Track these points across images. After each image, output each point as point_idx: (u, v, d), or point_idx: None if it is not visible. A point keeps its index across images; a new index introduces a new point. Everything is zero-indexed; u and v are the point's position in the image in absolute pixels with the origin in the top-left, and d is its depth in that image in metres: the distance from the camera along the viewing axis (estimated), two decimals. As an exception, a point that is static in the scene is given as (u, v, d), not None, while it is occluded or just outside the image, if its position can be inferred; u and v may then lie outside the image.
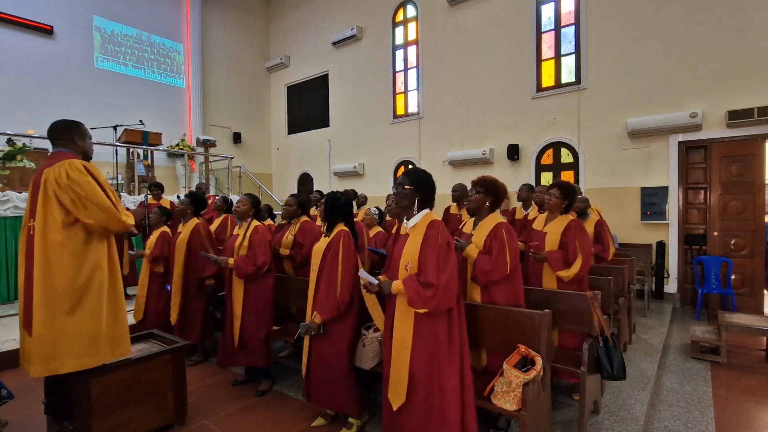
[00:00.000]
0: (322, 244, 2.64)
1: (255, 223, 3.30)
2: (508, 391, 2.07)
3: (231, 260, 3.16)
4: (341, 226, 2.65)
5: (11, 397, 2.39)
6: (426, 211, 2.16)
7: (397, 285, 2.05)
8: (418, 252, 2.04)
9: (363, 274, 2.17)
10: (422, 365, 2.01)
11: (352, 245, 2.61)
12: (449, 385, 1.98)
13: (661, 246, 5.99)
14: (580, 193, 4.75)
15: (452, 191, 4.93)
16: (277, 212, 7.37)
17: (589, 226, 3.95)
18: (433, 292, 1.93)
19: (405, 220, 2.22)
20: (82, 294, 2.13)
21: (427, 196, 2.17)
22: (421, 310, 1.97)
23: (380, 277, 2.26)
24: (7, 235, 5.00)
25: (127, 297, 5.11)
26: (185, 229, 3.82)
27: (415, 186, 2.15)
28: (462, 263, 2.60)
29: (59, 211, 2.11)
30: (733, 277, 5.48)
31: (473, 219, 2.78)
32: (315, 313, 2.49)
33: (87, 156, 2.37)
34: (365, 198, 6.61)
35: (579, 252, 2.93)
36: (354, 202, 5.46)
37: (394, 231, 3.33)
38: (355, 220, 2.97)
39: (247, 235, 3.21)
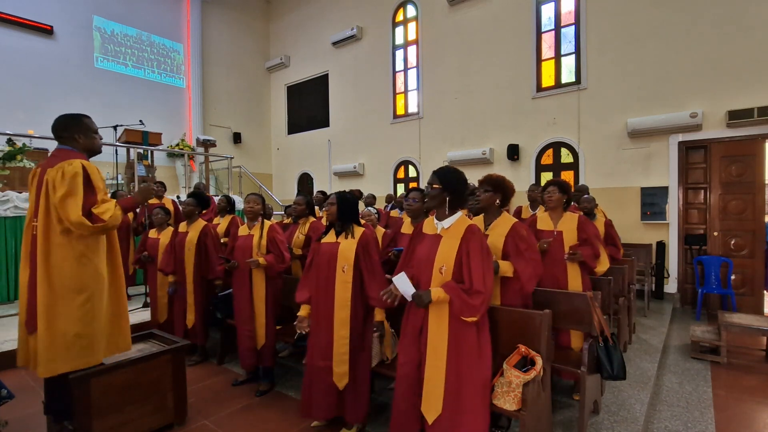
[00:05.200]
0: (349, 244, 2.51)
1: (268, 221, 3.31)
2: (508, 391, 2.07)
3: (262, 260, 3.11)
4: (358, 227, 2.59)
5: (11, 397, 2.39)
6: (460, 213, 2.09)
7: (437, 293, 1.93)
8: (454, 256, 1.98)
9: (402, 280, 2.00)
10: (457, 372, 1.96)
11: (377, 242, 2.62)
12: (481, 387, 1.96)
13: (661, 246, 5.99)
14: (587, 193, 4.74)
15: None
16: (277, 212, 7.37)
17: (599, 227, 3.95)
18: (482, 300, 1.88)
19: (436, 220, 2.13)
20: (84, 295, 2.13)
21: (458, 196, 2.08)
22: (470, 319, 1.92)
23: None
24: (7, 235, 5.00)
25: (128, 297, 5.11)
26: (192, 229, 3.80)
27: (444, 185, 2.06)
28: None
29: (56, 215, 2.09)
30: (733, 277, 5.48)
31: (480, 218, 2.71)
32: (378, 312, 2.43)
33: (92, 151, 2.31)
34: (374, 198, 6.60)
35: (600, 246, 2.96)
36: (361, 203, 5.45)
37: (404, 230, 3.30)
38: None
39: (265, 233, 3.21)
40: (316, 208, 5.61)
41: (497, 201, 2.60)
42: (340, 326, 2.45)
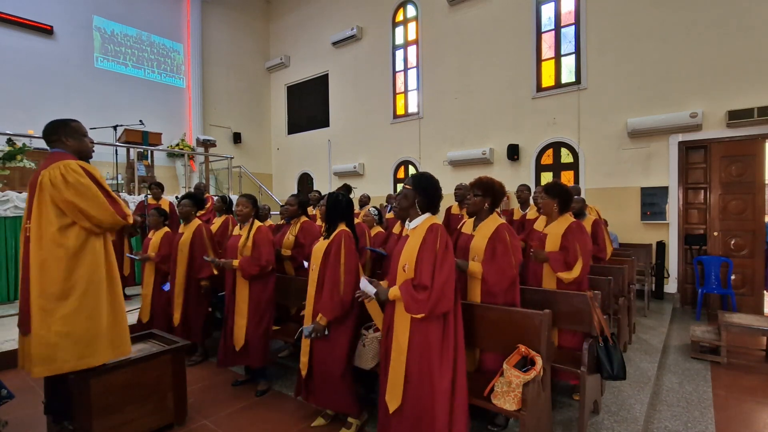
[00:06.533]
0: (322, 244, 2.63)
1: (257, 223, 3.29)
2: (508, 391, 2.07)
3: (236, 262, 3.13)
4: (342, 227, 2.64)
5: (11, 397, 2.39)
6: (427, 214, 2.17)
7: (393, 291, 2.08)
8: (416, 254, 2.05)
9: (364, 284, 2.19)
10: (416, 368, 2.02)
11: (354, 245, 2.61)
12: (440, 387, 1.99)
13: (661, 246, 5.99)
14: (578, 194, 4.75)
15: (455, 190, 4.89)
16: (274, 212, 7.38)
17: (586, 226, 3.95)
18: (427, 296, 1.94)
19: (407, 222, 2.22)
20: (79, 295, 2.12)
21: (429, 200, 2.17)
22: (418, 315, 1.97)
23: (382, 282, 2.26)
24: (7, 235, 5.01)
25: (127, 298, 5.12)
26: (187, 230, 3.81)
27: (415, 186, 2.16)
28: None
29: (54, 213, 2.09)
30: (733, 277, 5.48)
31: (472, 219, 2.78)
32: (320, 315, 2.48)
33: (83, 154, 2.31)
34: (368, 198, 6.61)
35: (579, 255, 2.93)
36: (356, 201, 5.44)
37: (395, 231, 3.35)
38: (356, 220, 2.96)
39: (251, 235, 3.20)
40: (310, 207, 5.62)
41: (486, 205, 2.66)
42: (307, 321, 2.63)
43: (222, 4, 10.90)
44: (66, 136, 2.25)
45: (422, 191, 2.15)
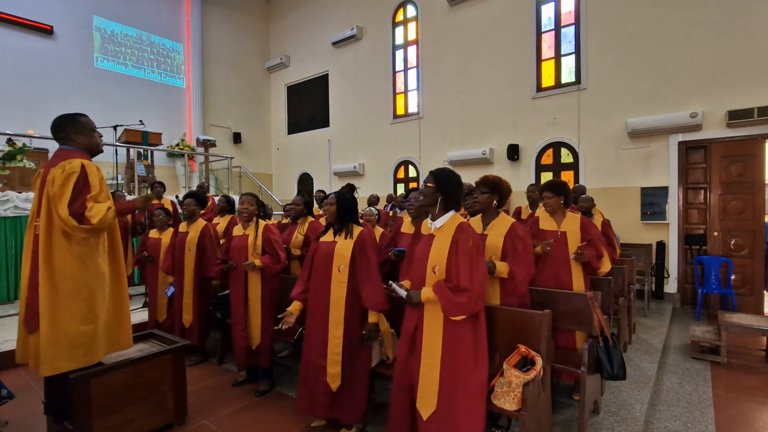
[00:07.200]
0: (346, 244, 2.51)
1: (263, 222, 3.29)
2: (508, 391, 2.06)
3: (258, 261, 3.11)
4: (357, 226, 2.60)
5: (11, 397, 2.39)
6: (452, 212, 2.10)
7: (426, 293, 1.98)
8: (446, 255, 1.99)
9: (395, 286, 2.11)
10: (451, 370, 1.97)
11: (376, 242, 2.62)
12: (477, 387, 1.96)
13: (661, 246, 5.99)
14: (583, 193, 4.75)
15: None
16: (277, 212, 7.38)
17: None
18: (467, 298, 1.89)
19: (429, 220, 2.15)
20: (88, 295, 2.14)
21: (452, 197, 2.09)
22: (457, 318, 1.93)
23: (403, 283, 2.19)
24: (7, 235, 4.99)
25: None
26: (193, 229, 3.80)
27: (438, 185, 2.07)
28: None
29: None
30: (733, 277, 5.48)
31: (478, 218, 2.75)
32: (372, 313, 2.39)
33: (92, 150, 2.31)
34: (377, 198, 6.62)
35: (602, 246, 3.01)
36: (360, 201, 5.44)
37: (404, 230, 3.32)
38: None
39: (259, 234, 3.20)
40: (315, 207, 5.63)
41: (494, 202, 2.64)
42: (335, 326, 2.46)
43: (222, 4, 10.90)
44: (75, 133, 2.24)
45: (445, 190, 2.07)
